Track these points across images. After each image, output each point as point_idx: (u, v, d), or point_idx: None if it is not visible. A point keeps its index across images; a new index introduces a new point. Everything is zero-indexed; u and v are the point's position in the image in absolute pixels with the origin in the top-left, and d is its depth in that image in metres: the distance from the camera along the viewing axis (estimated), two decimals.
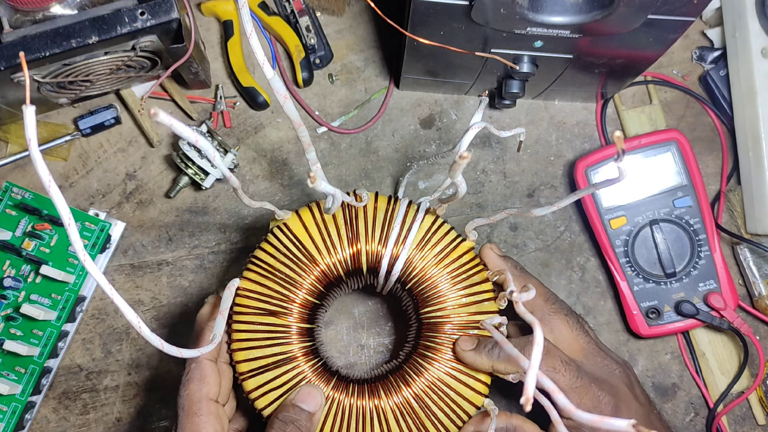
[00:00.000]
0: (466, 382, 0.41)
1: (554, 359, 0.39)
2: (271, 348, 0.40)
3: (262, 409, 0.40)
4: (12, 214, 0.50)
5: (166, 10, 0.43)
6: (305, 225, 0.42)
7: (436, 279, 0.42)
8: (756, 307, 0.52)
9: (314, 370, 0.41)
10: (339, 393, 0.41)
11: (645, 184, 0.51)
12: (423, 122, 0.56)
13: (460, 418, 0.41)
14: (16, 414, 0.48)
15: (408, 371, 0.41)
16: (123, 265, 0.53)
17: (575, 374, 0.39)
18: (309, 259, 0.41)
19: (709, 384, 0.52)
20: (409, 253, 0.41)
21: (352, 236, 0.42)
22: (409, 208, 0.43)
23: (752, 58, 0.51)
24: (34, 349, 0.49)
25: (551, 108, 0.56)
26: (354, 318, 0.52)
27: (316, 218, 0.42)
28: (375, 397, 0.41)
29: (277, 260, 0.42)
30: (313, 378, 0.41)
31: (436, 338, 0.41)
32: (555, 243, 0.54)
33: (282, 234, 0.42)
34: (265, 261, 0.42)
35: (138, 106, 0.53)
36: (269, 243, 0.42)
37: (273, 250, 0.42)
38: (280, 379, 0.40)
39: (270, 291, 0.41)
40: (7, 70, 0.43)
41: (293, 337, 0.41)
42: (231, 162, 0.52)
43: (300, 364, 0.41)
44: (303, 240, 0.42)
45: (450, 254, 0.42)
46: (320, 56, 0.55)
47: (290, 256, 0.41)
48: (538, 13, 0.41)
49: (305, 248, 0.41)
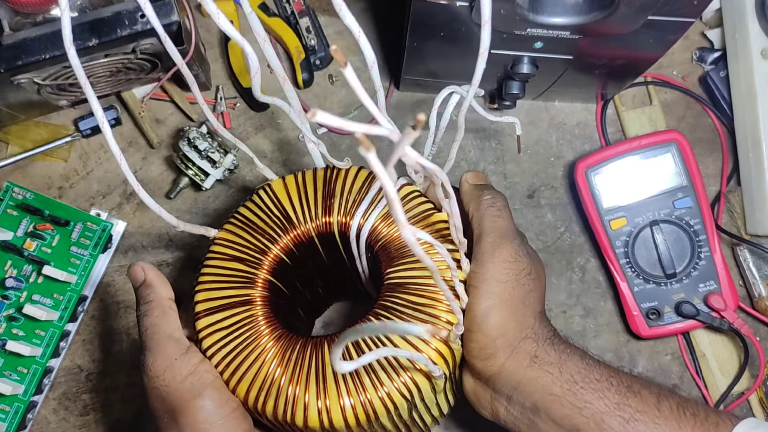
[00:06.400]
0: (417, 344, 0.38)
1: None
2: (232, 290, 0.41)
3: (206, 349, 0.39)
4: (13, 215, 0.51)
5: (166, 12, 0.43)
6: (288, 189, 0.44)
7: (402, 243, 0.41)
8: (756, 308, 0.52)
9: (266, 318, 0.40)
10: (281, 346, 0.39)
11: (645, 185, 0.51)
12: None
13: (405, 384, 0.37)
14: (19, 414, 0.49)
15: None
16: (123, 266, 0.53)
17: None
18: (287, 220, 0.43)
19: (709, 385, 0.52)
20: (376, 220, 0.42)
21: (327, 205, 0.43)
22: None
23: (752, 59, 0.51)
24: (37, 350, 0.49)
25: (551, 109, 0.56)
26: (354, 320, 0.52)
27: (298, 184, 0.44)
28: (317, 351, 0.39)
29: (257, 216, 0.43)
30: (263, 324, 0.40)
31: (393, 298, 0.40)
32: (555, 244, 0.54)
33: (265, 195, 0.44)
34: (245, 216, 0.43)
35: (138, 107, 0.53)
36: (252, 202, 0.44)
37: (255, 207, 0.44)
38: (231, 319, 0.40)
39: (244, 242, 0.42)
40: (8, 72, 0.43)
41: (257, 284, 0.41)
42: (231, 163, 0.52)
43: (254, 308, 0.40)
44: (284, 202, 0.43)
45: (421, 222, 0.42)
46: (320, 57, 0.55)
47: (270, 214, 0.43)
48: (538, 14, 0.41)
49: (284, 210, 0.43)
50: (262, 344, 0.39)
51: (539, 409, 0.37)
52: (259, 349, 0.39)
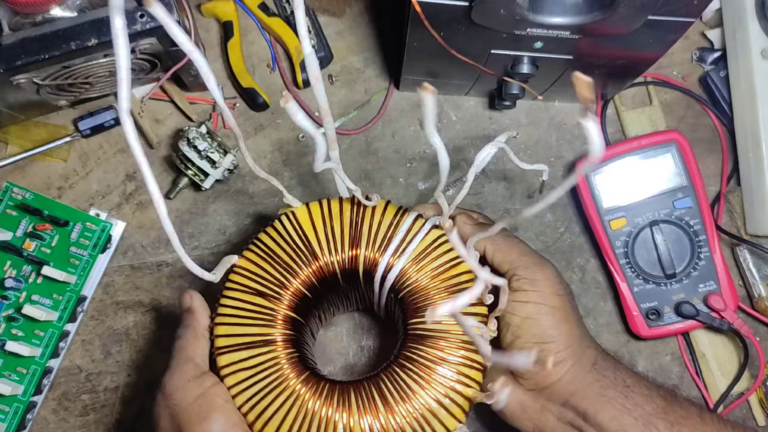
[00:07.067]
0: (444, 403, 0.39)
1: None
2: (253, 328, 0.40)
3: (231, 387, 0.39)
4: (12, 215, 0.50)
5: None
6: (312, 218, 0.42)
7: (430, 293, 0.41)
8: (756, 308, 0.52)
9: (290, 359, 0.40)
10: (307, 390, 0.39)
11: (645, 185, 0.51)
12: (423, 123, 0.55)
13: None
14: (18, 414, 0.48)
15: (384, 381, 0.39)
16: (123, 266, 0.53)
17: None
18: (310, 252, 0.41)
19: (709, 385, 0.52)
20: (405, 264, 0.41)
21: (354, 238, 0.42)
22: (415, 221, 0.42)
23: (752, 59, 0.51)
24: (36, 350, 0.49)
25: (551, 109, 0.56)
26: (354, 319, 0.53)
27: (323, 214, 0.42)
28: (343, 408, 0.39)
29: (278, 245, 0.42)
30: (286, 366, 0.39)
31: (419, 351, 0.40)
32: (555, 244, 0.54)
33: (288, 222, 0.42)
34: (266, 244, 0.42)
35: (138, 107, 0.53)
36: (274, 229, 0.42)
37: (276, 235, 0.42)
38: (254, 360, 0.39)
39: (265, 273, 0.41)
40: (7, 72, 0.43)
41: (278, 322, 0.41)
42: (231, 163, 0.52)
43: (277, 350, 0.40)
44: (307, 232, 0.42)
45: (448, 271, 0.41)
46: (320, 57, 0.55)
47: (292, 244, 0.42)
48: (538, 14, 0.41)
49: (308, 240, 0.42)
50: (290, 387, 0.39)
51: (591, 413, 0.39)
52: (286, 393, 0.39)
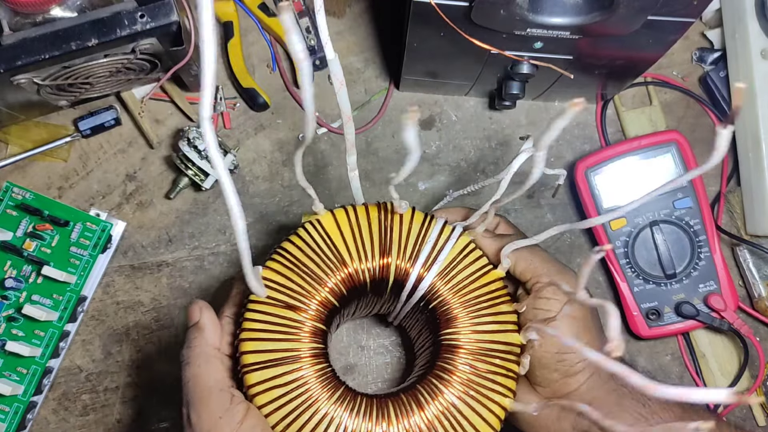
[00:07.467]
0: (480, 411, 0.39)
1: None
2: (282, 343, 0.39)
3: (263, 406, 0.38)
4: (13, 215, 0.50)
5: (165, 12, 0.43)
6: (339, 225, 0.41)
7: (461, 303, 0.41)
8: (756, 308, 0.52)
9: (320, 376, 0.39)
10: (344, 410, 0.38)
11: (645, 185, 0.51)
12: (423, 123, 0.56)
13: None
14: (19, 414, 0.49)
15: (422, 392, 0.39)
16: (123, 266, 0.53)
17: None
18: (338, 260, 0.40)
19: (709, 385, 0.52)
20: (437, 274, 0.41)
21: (384, 246, 0.41)
22: (443, 229, 0.42)
23: (752, 59, 0.51)
24: (36, 350, 0.49)
25: (551, 109, 0.56)
26: (354, 320, 0.53)
27: (350, 221, 0.41)
28: (383, 419, 0.38)
29: (304, 254, 0.40)
30: (317, 385, 0.38)
31: (453, 361, 0.40)
32: (555, 244, 0.54)
33: (314, 230, 0.41)
34: (292, 253, 0.40)
35: (138, 107, 0.53)
36: (299, 237, 0.41)
37: (302, 243, 0.41)
38: (286, 377, 0.38)
39: (291, 284, 0.40)
40: (7, 73, 0.43)
41: (307, 335, 0.39)
42: (231, 163, 0.52)
43: (308, 365, 0.39)
44: (335, 240, 0.41)
45: (479, 279, 0.41)
46: (320, 57, 0.55)
47: (319, 252, 0.40)
48: (538, 14, 0.41)
49: (336, 248, 0.40)
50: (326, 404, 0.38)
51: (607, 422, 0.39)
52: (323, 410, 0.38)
